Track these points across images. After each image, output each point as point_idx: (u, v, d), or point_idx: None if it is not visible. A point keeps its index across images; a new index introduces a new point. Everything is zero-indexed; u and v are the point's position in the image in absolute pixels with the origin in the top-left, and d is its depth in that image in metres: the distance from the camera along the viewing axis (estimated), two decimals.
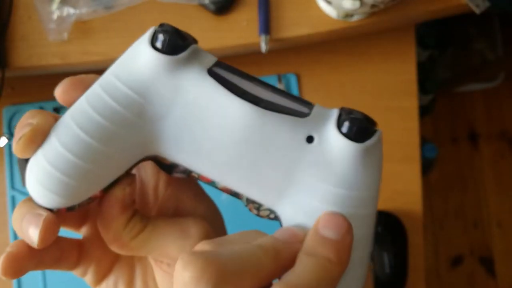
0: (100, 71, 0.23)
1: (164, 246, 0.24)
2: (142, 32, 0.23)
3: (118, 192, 0.22)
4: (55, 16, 0.51)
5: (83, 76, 0.23)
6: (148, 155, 0.23)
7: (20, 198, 0.60)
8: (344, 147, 0.22)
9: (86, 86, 0.22)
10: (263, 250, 0.20)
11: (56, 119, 0.22)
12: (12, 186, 0.60)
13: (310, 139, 0.22)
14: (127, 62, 0.23)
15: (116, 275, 0.26)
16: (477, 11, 0.54)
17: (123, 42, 0.54)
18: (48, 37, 0.52)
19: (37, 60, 0.53)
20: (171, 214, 0.26)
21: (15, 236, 0.59)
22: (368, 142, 0.22)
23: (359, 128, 0.22)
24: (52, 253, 0.23)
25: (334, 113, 0.23)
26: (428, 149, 1.09)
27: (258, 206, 0.23)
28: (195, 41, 0.24)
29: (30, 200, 0.22)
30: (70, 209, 0.22)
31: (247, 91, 0.23)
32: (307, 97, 0.63)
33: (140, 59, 0.22)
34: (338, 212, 0.21)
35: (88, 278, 0.26)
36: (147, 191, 0.26)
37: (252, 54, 0.56)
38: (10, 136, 0.61)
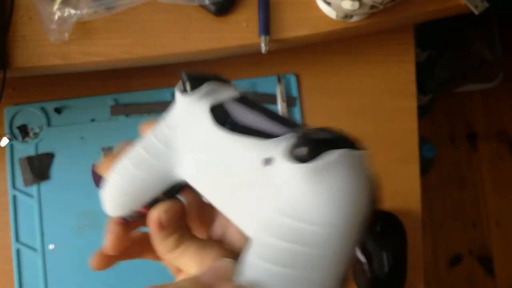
0: (100, 72, 0.23)
1: (187, 268, 0.25)
2: (143, 32, 0.23)
3: (153, 214, 0.26)
4: (56, 16, 0.51)
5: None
6: (176, 180, 0.26)
7: (21, 197, 0.60)
8: (288, 169, 0.19)
9: None
10: None
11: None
12: (14, 186, 0.60)
13: (268, 162, 0.21)
14: (172, 106, 0.27)
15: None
16: (476, 11, 0.55)
17: (124, 43, 0.55)
18: (49, 37, 0.52)
19: (38, 60, 0.53)
20: (221, 236, 0.28)
21: (16, 236, 0.60)
22: (317, 163, 0.19)
23: (305, 146, 0.19)
24: (135, 248, 0.29)
25: (296, 134, 0.21)
26: (427, 149, 1.09)
27: None
28: (217, 79, 0.26)
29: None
30: (124, 219, 0.27)
31: (233, 119, 0.24)
32: (306, 97, 0.63)
33: (175, 101, 0.27)
34: (223, 262, 0.21)
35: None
36: (209, 211, 0.28)
37: (252, 55, 0.57)
38: (12, 136, 0.61)
